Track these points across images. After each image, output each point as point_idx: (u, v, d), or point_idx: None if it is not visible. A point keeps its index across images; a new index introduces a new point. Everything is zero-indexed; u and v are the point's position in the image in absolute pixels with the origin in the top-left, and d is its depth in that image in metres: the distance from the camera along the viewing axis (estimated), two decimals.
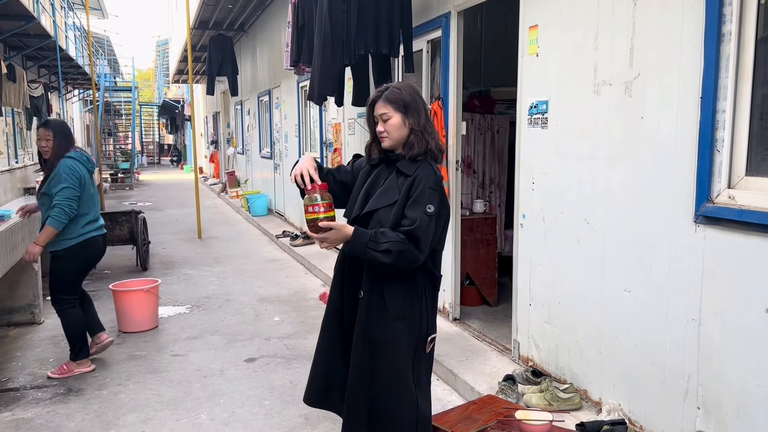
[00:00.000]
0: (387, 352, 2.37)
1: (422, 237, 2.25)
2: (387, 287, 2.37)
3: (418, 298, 2.41)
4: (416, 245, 2.25)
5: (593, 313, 3.46)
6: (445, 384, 4.18)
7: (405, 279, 2.37)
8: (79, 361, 4.44)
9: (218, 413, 3.77)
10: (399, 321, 2.37)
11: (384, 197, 2.38)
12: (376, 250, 2.24)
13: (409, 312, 2.38)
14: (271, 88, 11.97)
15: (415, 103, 2.43)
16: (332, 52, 4.97)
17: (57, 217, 4.08)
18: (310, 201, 2.30)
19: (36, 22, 8.92)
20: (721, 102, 2.64)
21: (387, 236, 2.25)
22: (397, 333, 2.37)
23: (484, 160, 6.09)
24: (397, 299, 2.37)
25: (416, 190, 2.31)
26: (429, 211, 2.28)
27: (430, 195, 2.30)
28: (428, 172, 2.36)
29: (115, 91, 28.82)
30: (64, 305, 4.36)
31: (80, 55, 15.53)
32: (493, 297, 5.59)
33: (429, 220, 2.27)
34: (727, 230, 2.62)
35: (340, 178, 2.59)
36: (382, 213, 2.35)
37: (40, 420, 3.72)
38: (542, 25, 3.79)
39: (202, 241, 10.10)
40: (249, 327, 5.44)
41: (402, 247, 2.23)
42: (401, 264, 2.26)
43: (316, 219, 2.28)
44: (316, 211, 2.28)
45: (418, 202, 2.29)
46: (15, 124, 11.85)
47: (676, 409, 2.91)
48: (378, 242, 2.24)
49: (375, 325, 2.38)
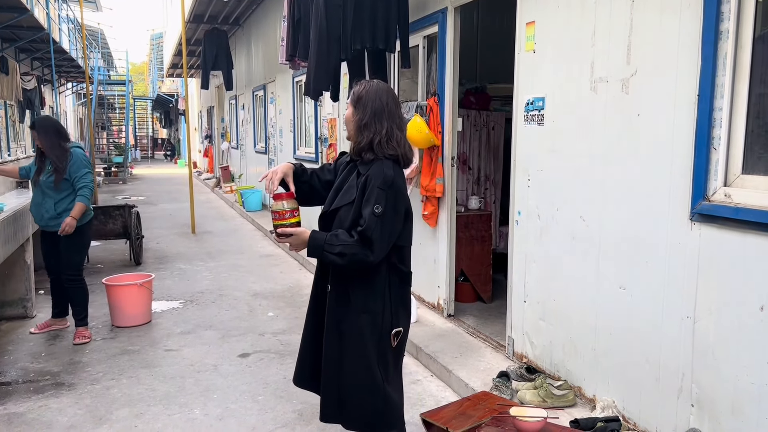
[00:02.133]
0: (352, 344, 2.46)
1: (373, 237, 2.31)
2: (351, 282, 2.45)
3: (381, 292, 2.46)
4: (369, 246, 2.31)
5: (588, 311, 3.46)
6: (439, 380, 4.18)
7: (368, 274, 2.44)
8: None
9: (212, 408, 3.76)
10: (362, 314, 2.44)
11: (345, 196, 2.46)
12: (331, 253, 2.35)
13: (371, 306, 2.45)
14: (266, 82, 11.92)
15: (367, 98, 2.46)
16: (328, 47, 4.94)
17: (86, 195, 4.76)
18: (276, 208, 2.45)
19: (29, 14, 8.85)
20: (718, 100, 2.64)
21: (340, 239, 2.34)
22: (361, 326, 2.45)
23: (479, 157, 6.08)
24: (360, 293, 2.44)
25: (367, 190, 2.36)
26: (376, 212, 2.32)
27: (377, 195, 2.33)
28: (378, 171, 2.38)
29: (109, 84, 28.65)
30: (81, 276, 4.98)
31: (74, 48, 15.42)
32: (487, 294, 5.60)
33: (377, 220, 2.31)
34: (723, 228, 2.62)
35: (324, 177, 2.67)
36: (343, 211, 2.43)
37: (32, 414, 3.69)
38: (539, 22, 3.78)
39: (195, 236, 10.06)
40: (243, 322, 5.43)
41: (353, 250, 2.32)
42: (353, 266, 2.36)
43: (280, 225, 2.45)
44: (280, 218, 2.44)
45: (368, 202, 2.34)
46: (8, 117, 11.76)
47: (670, 406, 2.92)
48: (332, 245, 2.34)
49: (341, 317, 2.48)
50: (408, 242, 2.54)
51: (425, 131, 4.81)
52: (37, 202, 4.82)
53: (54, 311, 5.20)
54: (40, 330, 5.11)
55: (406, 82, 6.01)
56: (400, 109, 2.56)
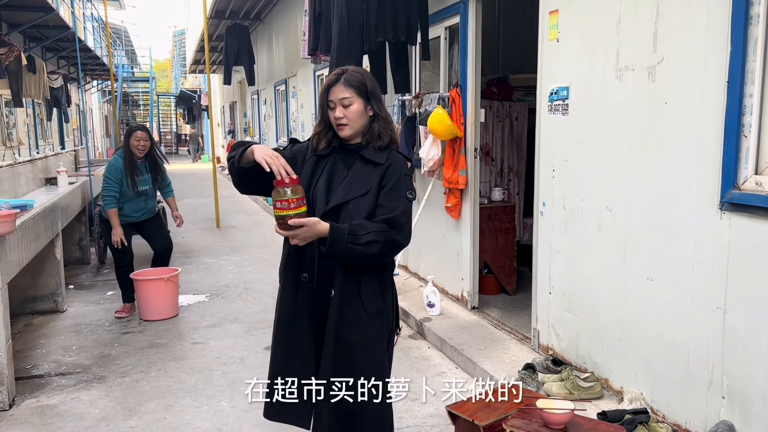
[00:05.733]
0: (365, 352, 2.27)
1: (405, 223, 2.22)
2: (363, 285, 2.24)
3: (390, 292, 2.36)
4: (399, 231, 2.19)
5: (615, 302, 3.42)
6: (464, 373, 4.17)
7: (378, 274, 2.29)
8: None
9: (239, 401, 3.80)
10: (375, 318, 2.27)
11: (354, 188, 2.23)
12: (357, 244, 2.11)
13: (383, 307, 2.30)
14: (287, 77, 11.96)
15: (376, 89, 2.30)
16: (349, 40, 4.94)
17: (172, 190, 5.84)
18: (278, 196, 2.09)
19: (55, 13, 8.96)
20: (749, 86, 2.58)
21: (366, 228, 2.13)
22: (375, 331, 2.28)
23: (502, 148, 6.04)
24: (372, 295, 2.26)
25: (392, 178, 2.25)
26: (410, 197, 2.26)
27: (407, 182, 2.27)
28: (401, 159, 2.31)
29: (133, 81, 28.98)
30: None
31: (98, 46, 15.61)
32: (511, 285, 5.57)
33: (410, 206, 2.27)
34: (754, 217, 2.57)
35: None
36: (353, 205, 2.21)
37: (64, 406, 3.77)
38: (563, 10, 3.74)
39: (220, 230, 10.16)
40: (268, 315, 5.43)
41: (387, 236, 2.15)
42: (387, 254, 2.22)
43: (285, 216, 2.09)
44: (284, 207, 2.08)
45: (396, 190, 2.23)
46: (35, 115, 11.96)
47: (700, 398, 2.88)
48: (357, 235, 2.11)
49: (350, 325, 2.24)
50: None
51: (447, 123, 4.79)
52: (139, 207, 5.43)
53: (130, 297, 5.55)
54: (127, 313, 5.51)
55: (428, 73, 5.99)
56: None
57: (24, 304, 5.55)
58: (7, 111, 10.00)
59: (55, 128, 14.35)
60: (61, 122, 14.35)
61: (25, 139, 11.14)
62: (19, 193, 6.57)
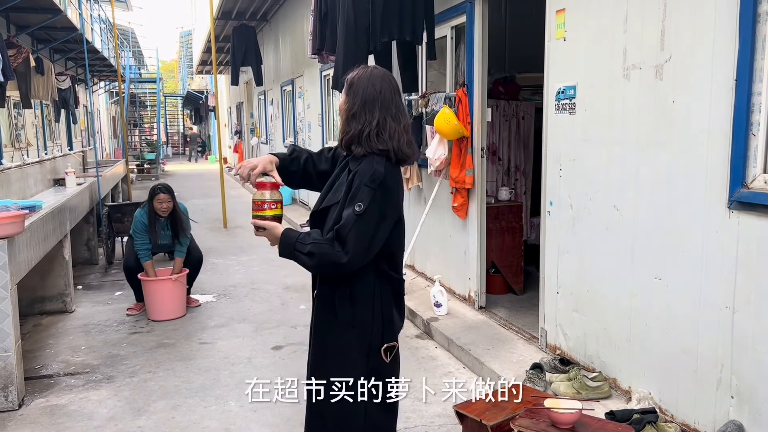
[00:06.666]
0: (334, 358, 2.24)
1: (348, 237, 2.05)
2: (337, 291, 2.20)
3: (369, 302, 2.20)
4: (342, 246, 2.06)
5: (623, 301, 3.41)
6: (471, 372, 4.17)
7: (356, 282, 2.18)
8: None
9: (246, 400, 3.80)
10: (349, 328, 2.20)
11: (335, 194, 2.22)
12: (301, 252, 2.10)
13: (360, 318, 2.19)
14: (293, 77, 11.98)
15: (359, 84, 2.20)
16: (355, 40, 4.94)
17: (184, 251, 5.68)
18: (255, 198, 2.22)
19: (63, 15, 9.02)
20: (757, 84, 2.57)
21: (312, 238, 2.11)
22: (346, 340, 2.21)
23: (509, 147, 6.02)
24: (346, 304, 2.19)
25: (353, 187, 2.12)
26: (356, 210, 2.07)
27: (362, 192, 2.08)
28: (367, 167, 2.13)
29: (140, 82, 29.05)
30: None
31: (106, 47, 15.68)
32: (519, 285, 5.56)
33: (356, 219, 2.06)
34: (762, 216, 2.55)
35: (320, 166, 2.42)
36: (332, 210, 2.19)
37: (73, 406, 3.79)
38: (570, 9, 3.73)
39: (227, 230, 10.19)
40: (275, 315, 5.48)
41: (323, 250, 2.07)
42: (324, 267, 2.12)
43: (257, 216, 2.20)
44: (258, 209, 2.20)
45: (352, 200, 2.10)
46: (44, 117, 12.03)
47: (709, 397, 2.87)
48: (304, 244, 2.10)
49: (324, 327, 2.26)
50: (400, 247, 2.28)
51: (454, 122, 4.78)
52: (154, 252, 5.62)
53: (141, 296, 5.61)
54: (138, 311, 5.61)
55: (434, 73, 5.98)
56: (399, 97, 2.25)
57: (33, 305, 5.58)
58: (16, 112, 10.06)
59: (63, 129, 14.42)
60: (69, 123, 14.43)
61: (34, 141, 11.20)
62: (27, 194, 6.62)
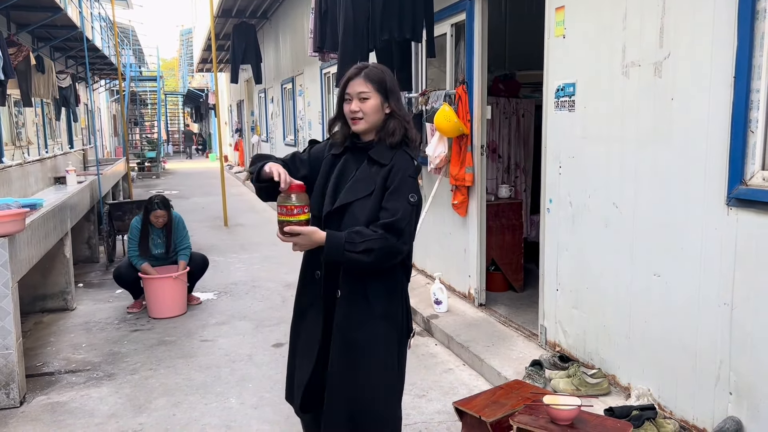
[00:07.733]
0: (370, 353, 2.25)
1: (406, 228, 2.15)
2: (369, 286, 2.24)
3: (399, 294, 2.31)
4: (398, 237, 2.13)
5: (622, 298, 3.42)
6: (471, 369, 4.18)
7: (386, 275, 2.26)
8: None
9: (247, 397, 3.83)
10: (383, 320, 2.26)
11: (358, 189, 2.23)
12: (354, 252, 2.11)
13: (392, 310, 2.28)
14: (294, 75, 11.98)
15: (395, 87, 2.29)
16: (355, 37, 4.94)
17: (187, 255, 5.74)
18: (283, 201, 2.12)
19: (63, 13, 9.04)
20: (756, 81, 2.57)
21: (363, 235, 2.11)
22: (382, 332, 2.27)
23: (509, 145, 6.03)
24: (379, 296, 2.25)
25: (395, 180, 2.19)
26: (412, 201, 2.17)
27: (411, 184, 2.20)
28: (406, 159, 2.24)
29: (141, 80, 29.06)
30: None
31: (106, 46, 15.69)
32: (519, 282, 5.57)
33: (412, 209, 2.17)
34: (761, 213, 2.56)
35: (298, 173, 2.33)
36: (357, 206, 2.21)
37: (74, 403, 3.81)
38: (569, 6, 3.73)
39: (228, 228, 10.20)
40: (276, 312, 5.49)
41: (383, 244, 2.11)
42: (385, 261, 2.17)
43: (284, 222, 2.12)
44: (286, 213, 2.11)
45: (399, 192, 2.17)
46: (44, 115, 12.05)
47: (707, 394, 2.88)
48: (355, 243, 2.10)
49: (356, 325, 2.25)
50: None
51: (454, 120, 4.79)
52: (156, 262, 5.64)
53: (138, 296, 5.68)
54: (139, 309, 5.66)
55: (434, 70, 5.99)
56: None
57: (34, 303, 5.60)
58: (17, 111, 10.07)
59: (64, 127, 14.45)
60: (70, 121, 14.45)
61: (34, 139, 11.22)
62: (28, 192, 6.63)
